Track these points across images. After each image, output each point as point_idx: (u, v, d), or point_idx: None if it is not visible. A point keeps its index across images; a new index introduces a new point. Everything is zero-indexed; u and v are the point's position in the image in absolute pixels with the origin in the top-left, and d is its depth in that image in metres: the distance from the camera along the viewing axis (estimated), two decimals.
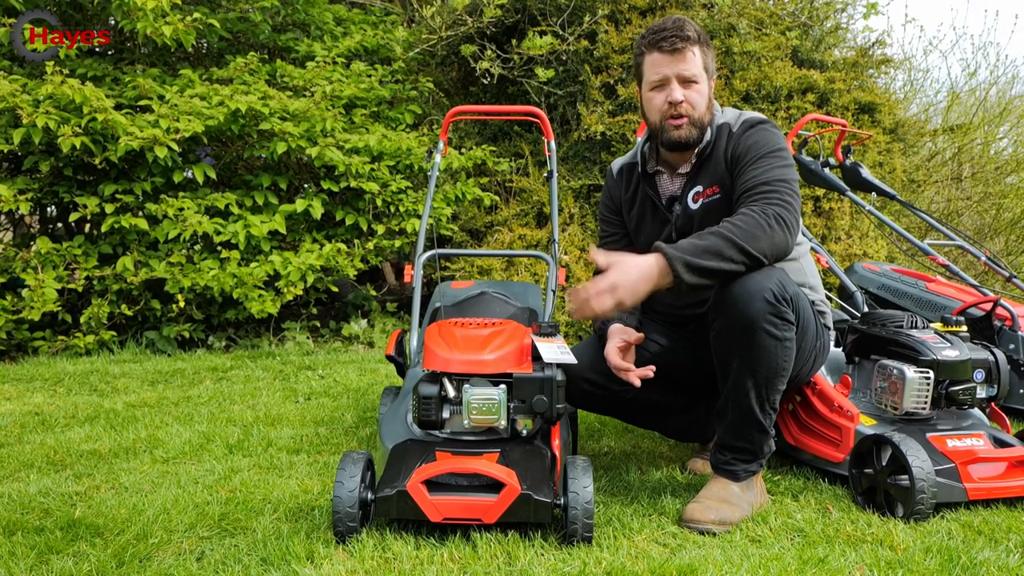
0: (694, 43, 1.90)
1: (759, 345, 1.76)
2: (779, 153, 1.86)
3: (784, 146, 1.90)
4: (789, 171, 1.85)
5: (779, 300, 1.75)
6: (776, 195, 1.78)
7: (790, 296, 1.78)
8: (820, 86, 5.20)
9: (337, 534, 1.64)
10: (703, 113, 1.94)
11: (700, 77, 1.92)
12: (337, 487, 1.64)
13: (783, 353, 1.78)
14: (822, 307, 2.07)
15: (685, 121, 1.92)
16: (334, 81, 4.63)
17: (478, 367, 1.77)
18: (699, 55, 1.92)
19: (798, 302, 1.82)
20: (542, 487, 1.63)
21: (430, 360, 1.81)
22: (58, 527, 1.75)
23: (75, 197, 4.16)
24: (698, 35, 1.92)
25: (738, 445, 1.86)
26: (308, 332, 4.63)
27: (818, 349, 2.03)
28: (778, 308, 1.75)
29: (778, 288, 1.75)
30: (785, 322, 1.77)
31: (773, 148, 1.86)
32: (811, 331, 1.95)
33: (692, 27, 1.92)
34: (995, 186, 7.11)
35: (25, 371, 3.70)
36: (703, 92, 1.93)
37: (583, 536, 1.63)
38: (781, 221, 1.74)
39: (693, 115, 1.92)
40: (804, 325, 1.89)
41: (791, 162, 1.88)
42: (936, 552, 1.62)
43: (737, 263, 1.71)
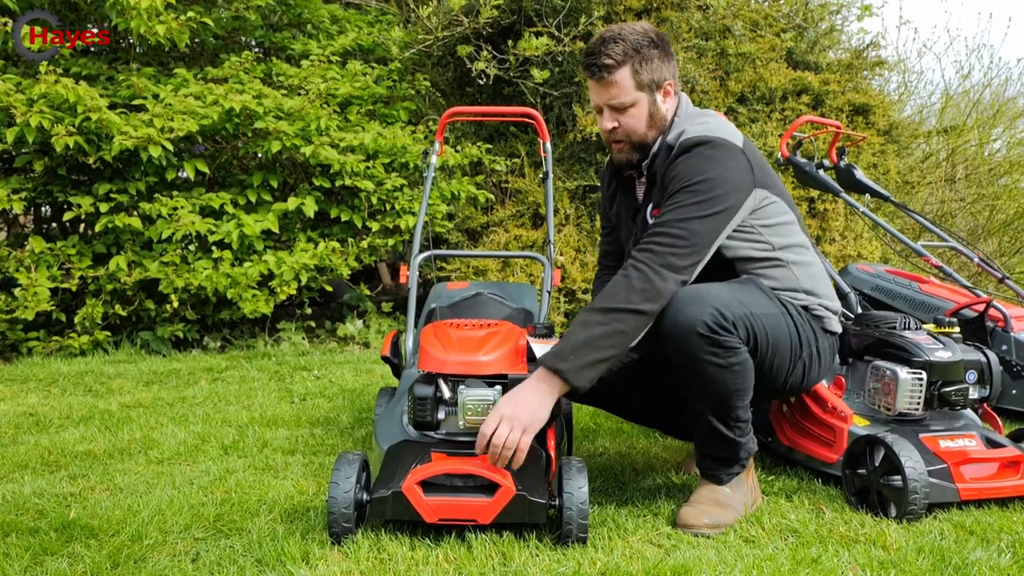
0: (620, 67, 1.81)
1: (704, 376, 1.72)
2: (693, 187, 1.73)
3: (710, 174, 1.74)
4: (691, 209, 1.72)
5: (716, 330, 1.68)
6: (652, 241, 1.71)
7: (731, 321, 1.69)
8: (815, 88, 5.22)
9: (332, 535, 1.64)
10: (644, 133, 1.87)
11: (633, 99, 1.83)
12: (332, 488, 1.64)
13: (732, 378, 1.73)
14: (820, 311, 1.95)
15: (624, 145, 1.90)
16: (329, 79, 4.63)
17: (473, 368, 1.78)
18: (629, 76, 1.82)
19: (751, 321, 1.73)
20: (537, 488, 1.63)
21: (425, 361, 1.81)
22: (53, 528, 1.75)
23: (69, 196, 4.14)
24: (626, 54, 1.80)
25: (712, 453, 1.87)
26: (304, 333, 4.62)
27: (808, 358, 1.92)
28: (716, 338, 1.68)
29: (713, 317, 1.67)
30: (727, 349, 1.70)
31: (689, 182, 1.74)
32: (789, 342, 1.84)
33: (620, 46, 1.80)
34: (988, 188, 7.15)
35: (19, 371, 3.68)
36: (638, 115, 1.85)
37: (578, 537, 1.63)
38: (641, 268, 1.67)
39: (631, 138, 1.88)
40: (772, 340, 1.78)
41: (706, 195, 1.73)
42: (928, 552, 1.63)
43: (614, 335, 1.64)
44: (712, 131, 1.81)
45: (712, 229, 1.74)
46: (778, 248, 1.88)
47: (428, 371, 1.81)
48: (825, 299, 1.98)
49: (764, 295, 1.84)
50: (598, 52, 1.82)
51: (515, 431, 1.59)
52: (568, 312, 4.75)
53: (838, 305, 2.02)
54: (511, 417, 1.60)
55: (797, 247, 1.94)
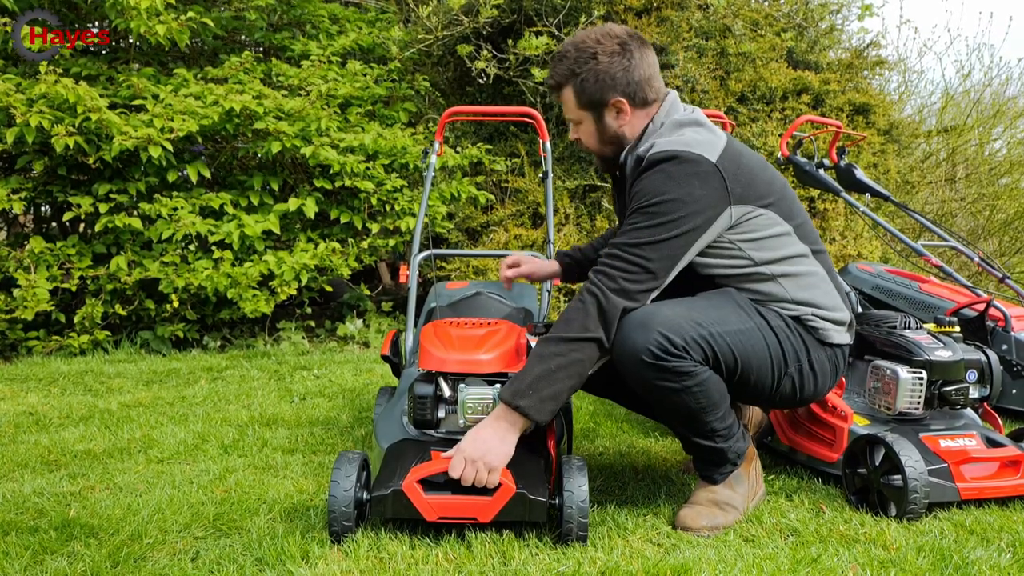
0: (562, 86, 1.81)
1: (662, 400, 1.71)
2: (650, 209, 1.65)
3: (669, 195, 1.65)
4: (645, 232, 1.65)
5: (662, 356, 1.62)
6: (606, 264, 1.67)
7: (681, 346, 1.63)
8: (815, 87, 5.22)
9: (332, 534, 1.64)
10: (598, 148, 1.87)
11: (578, 118, 1.83)
12: (332, 487, 1.64)
13: (691, 399, 1.68)
14: (815, 322, 1.82)
15: (587, 150, 1.92)
16: (329, 80, 4.63)
17: (473, 367, 1.78)
18: (571, 95, 1.80)
19: (711, 341, 1.66)
20: (537, 487, 1.63)
21: (426, 360, 1.81)
22: (52, 527, 1.75)
23: (69, 197, 4.14)
24: (564, 76, 1.79)
25: (701, 457, 1.86)
26: (303, 332, 4.62)
27: (798, 372, 1.80)
28: (663, 364, 1.63)
29: (658, 344, 1.62)
30: (679, 374, 1.64)
31: (647, 203, 1.67)
32: (768, 358, 1.75)
33: (563, 65, 1.78)
34: (989, 187, 7.15)
35: (19, 371, 3.68)
36: (587, 131, 1.85)
37: (578, 536, 1.63)
38: (595, 293, 1.64)
39: (589, 147, 1.88)
40: (742, 357, 1.70)
41: (662, 218, 1.65)
42: (928, 551, 1.63)
43: (571, 365, 1.62)
44: (684, 145, 1.70)
45: (669, 254, 1.66)
46: (762, 263, 1.78)
47: (428, 370, 1.81)
48: (824, 309, 1.83)
49: (737, 309, 1.75)
50: (550, 68, 1.83)
51: (481, 471, 1.60)
52: None
53: (844, 314, 1.87)
54: (476, 459, 1.60)
55: (790, 259, 1.81)
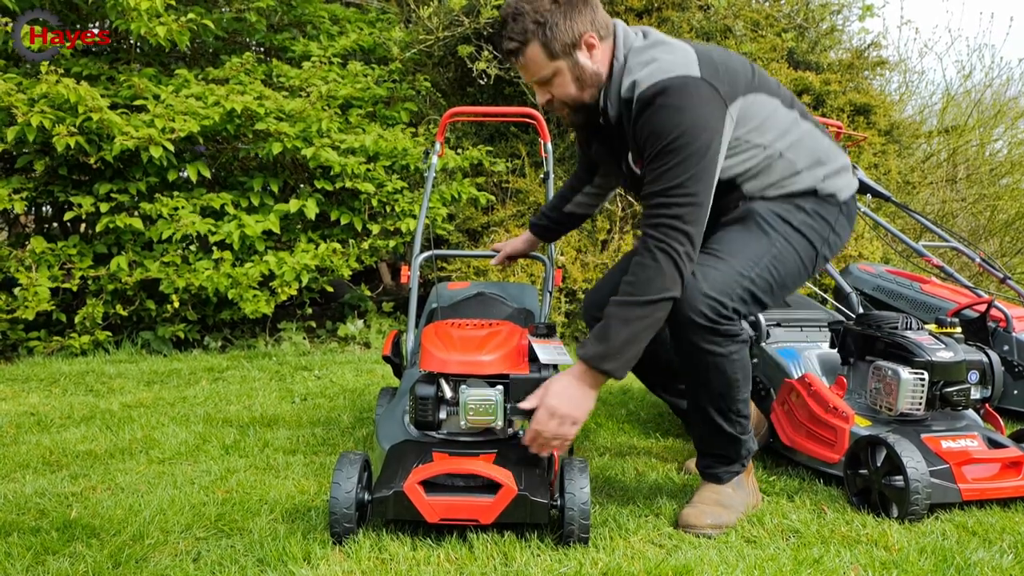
0: (526, 45, 1.73)
1: (704, 366, 1.74)
2: (672, 146, 1.64)
3: (683, 126, 1.64)
4: (679, 169, 1.64)
5: (715, 319, 1.69)
6: (658, 214, 1.66)
7: (731, 307, 1.70)
8: (816, 88, 5.22)
9: (334, 535, 1.64)
10: (577, 96, 1.79)
11: (552, 71, 1.75)
12: (334, 488, 1.64)
13: (731, 367, 1.74)
14: (829, 186, 1.86)
15: (566, 110, 1.85)
16: (330, 81, 4.63)
17: (475, 368, 1.78)
18: (539, 51, 1.73)
19: (752, 287, 1.73)
20: (539, 488, 1.63)
21: (427, 361, 1.81)
22: (54, 528, 1.75)
23: (70, 196, 4.15)
24: (527, 31, 1.71)
25: (712, 452, 1.87)
26: (304, 333, 4.62)
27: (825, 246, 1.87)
28: (715, 328, 1.69)
29: (711, 308, 1.68)
30: (727, 338, 1.72)
31: (666, 142, 1.65)
32: (800, 262, 1.83)
33: (520, 24, 1.72)
34: (990, 188, 7.14)
35: (20, 371, 3.69)
36: (564, 82, 1.77)
37: (579, 537, 1.63)
38: (664, 247, 1.64)
39: (568, 101, 1.82)
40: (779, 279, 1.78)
41: (688, 150, 1.64)
42: (930, 553, 1.63)
43: (654, 325, 1.67)
44: (665, 72, 1.67)
45: (707, 180, 1.68)
46: (770, 145, 1.80)
47: (429, 371, 1.81)
48: (829, 163, 1.87)
49: (762, 235, 1.79)
50: (504, 36, 1.76)
51: (565, 425, 1.65)
52: (569, 312, 4.75)
53: (844, 159, 1.92)
54: (564, 414, 1.65)
55: (788, 130, 1.83)
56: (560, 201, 2.28)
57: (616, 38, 1.78)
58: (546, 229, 2.33)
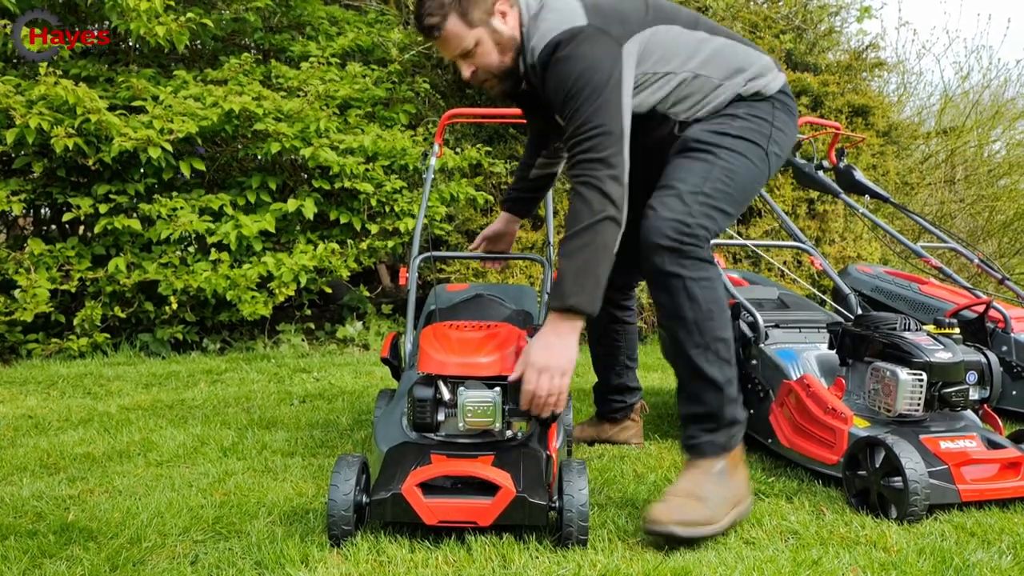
0: (445, 19, 1.77)
1: (674, 292, 1.72)
2: (573, 92, 1.70)
3: (576, 70, 1.70)
4: (584, 109, 1.70)
5: (679, 238, 1.70)
6: (575, 153, 1.71)
7: (694, 223, 1.72)
8: (814, 89, 5.22)
9: (332, 537, 1.64)
10: (500, 62, 1.84)
11: (473, 40, 1.80)
12: (332, 490, 1.63)
13: (703, 293, 1.72)
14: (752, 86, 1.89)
15: (492, 80, 1.88)
16: (328, 81, 4.63)
17: (473, 370, 1.78)
18: (458, 22, 1.78)
19: (712, 204, 1.76)
20: (537, 489, 1.63)
21: (425, 363, 1.81)
22: (51, 531, 1.74)
23: (68, 198, 4.14)
24: (443, 5, 1.76)
25: (696, 412, 1.77)
26: (303, 334, 4.62)
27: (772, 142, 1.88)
28: (680, 247, 1.71)
29: (672, 225, 1.71)
30: (694, 260, 1.72)
31: (568, 90, 1.72)
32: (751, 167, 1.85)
33: (434, 3, 1.77)
34: (988, 188, 7.16)
35: (18, 374, 3.68)
36: (486, 51, 1.82)
37: (578, 539, 1.63)
38: (585, 180, 1.68)
39: (493, 72, 1.86)
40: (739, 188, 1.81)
41: (587, 90, 1.70)
42: (929, 554, 1.63)
43: (599, 249, 1.67)
44: (553, 29, 1.75)
45: (612, 109, 1.71)
46: (679, 69, 1.84)
47: (427, 372, 1.81)
48: (748, 68, 1.89)
49: (706, 154, 1.82)
50: (420, 15, 1.81)
51: (555, 378, 1.65)
52: None
53: (764, 60, 1.94)
54: (549, 368, 1.65)
55: (695, 50, 1.86)
56: (523, 171, 2.35)
57: (520, 6, 1.85)
58: (517, 201, 2.37)
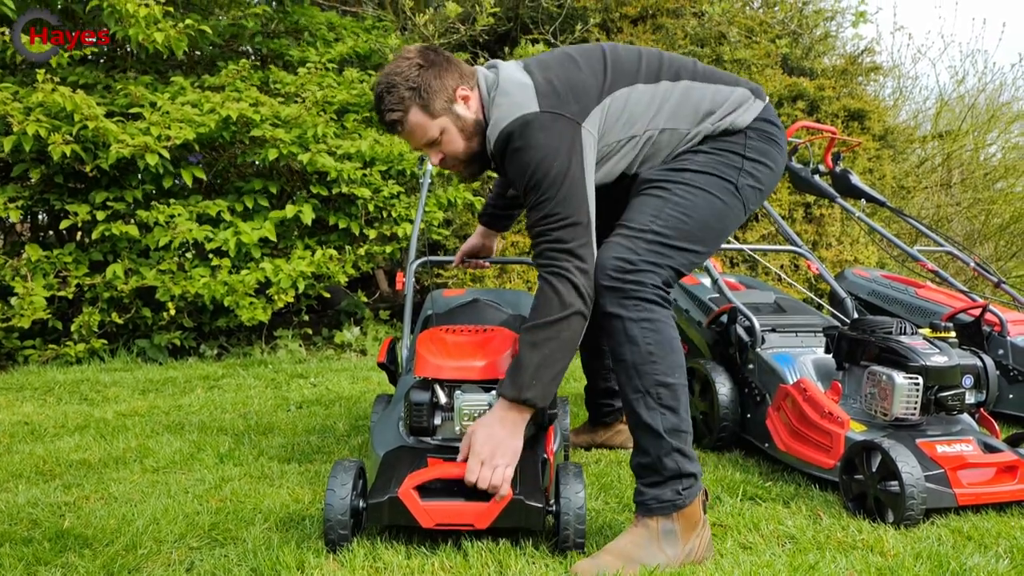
0: (407, 112, 1.75)
1: (613, 334, 1.66)
2: (532, 181, 1.67)
3: (532, 162, 1.67)
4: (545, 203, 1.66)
5: (620, 276, 1.64)
6: (542, 247, 1.68)
7: (638, 256, 1.66)
8: (810, 93, 5.24)
9: (328, 543, 1.63)
10: (467, 147, 1.81)
11: (438, 129, 1.77)
12: (329, 495, 1.63)
13: (642, 335, 1.63)
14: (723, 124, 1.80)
15: (460, 165, 1.86)
16: (326, 87, 4.63)
17: (469, 373, 1.78)
18: (420, 114, 1.75)
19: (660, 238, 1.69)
20: (534, 493, 1.63)
21: (421, 367, 1.81)
22: (47, 538, 1.74)
23: (66, 204, 4.14)
24: (403, 99, 1.73)
25: (640, 461, 1.66)
26: (300, 340, 4.62)
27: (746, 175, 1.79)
28: (621, 286, 1.64)
29: (615, 264, 1.65)
30: (634, 300, 1.64)
31: (527, 179, 1.69)
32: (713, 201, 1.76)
33: (395, 94, 1.73)
34: (984, 192, 7.18)
35: (15, 380, 3.67)
36: (452, 138, 1.79)
37: (575, 542, 1.62)
38: (557, 272, 1.64)
39: (462, 158, 1.83)
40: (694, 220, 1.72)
41: (546, 181, 1.66)
42: (926, 558, 1.63)
43: (565, 344, 1.64)
44: (506, 118, 1.71)
45: (576, 198, 1.67)
46: (645, 129, 1.78)
47: (424, 376, 1.81)
48: (719, 109, 1.80)
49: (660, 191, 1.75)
50: (381, 112, 1.77)
51: (498, 470, 1.61)
52: None
53: (737, 95, 1.83)
54: (491, 458, 1.61)
55: (660, 105, 1.79)
56: (500, 188, 2.37)
57: (479, 80, 1.82)
58: (494, 217, 2.39)
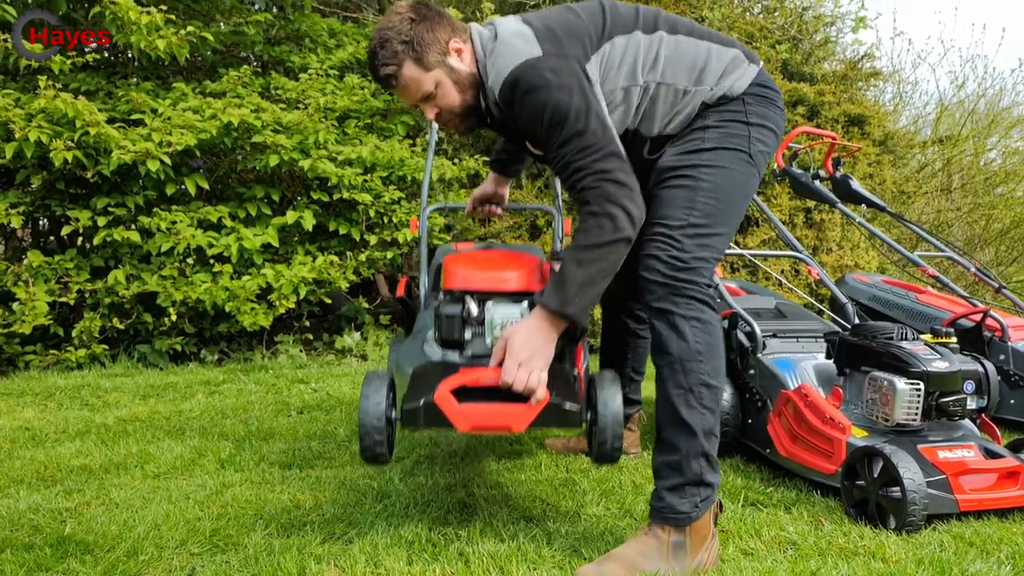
0: (400, 67, 1.73)
1: (661, 326, 1.67)
2: (551, 120, 1.64)
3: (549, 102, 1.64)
4: (573, 136, 1.64)
5: (674, 276, 1.65)
6: (581, 182, 1.64)
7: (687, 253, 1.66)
8: (810, 99, 5.25)
9: (364, 451, 1.60)
10: (462, 101, 1.79)
11: (433, 82, 1.75)
12: (363, 402, 1.59)
13: (692, 333, 1.65)
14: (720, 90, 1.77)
15: (455, 118, 1.84)
16: (327, 93, 4.65)
17: (501, 284, 1.75)
18: (414, 68, 1.73)
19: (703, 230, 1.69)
20: (571, 396, 1.60)
21: (451, 279, 1.77)
22: (48, 544, 1.74)
23: (67, 210, 4.15)
24: (397, 53, 1.72)
25: (665, 460, 1.66)
26: (301, 345, 4.62)
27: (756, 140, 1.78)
28: (674, 285, 1.65)
29: (669, 264, 1.66)
30: (685, 298, 1.66)
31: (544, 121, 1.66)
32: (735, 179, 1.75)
33: (388, 49, 1.72)
34: (984, 197, 7.18)
35: (16, 385, 3.67)
36: (447, 92, 1.77)
37: (612, 447, 1.60)
38: (602, 198, 1.61)
39: (457, 111, 1.80)
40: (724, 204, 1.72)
41: (563, 114, 1.64)
42: (928, 564, 1.63)
43: (609, 268, 1.62)
44: (508, 65, 1.68)
45: (597, 126, 1.64)
46: (643, 80, 1.76)
47: (454, 289, 1.76)
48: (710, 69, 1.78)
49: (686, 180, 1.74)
50: (375, 67, 1.75)
51: (535, 373, 1.58)
52: None
53: (727, 55, 1.81)
54: (530, 363, 1.58)
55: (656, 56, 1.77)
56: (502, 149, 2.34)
57: (473, 35, 1.81)
58: (504, 163, 2.33)
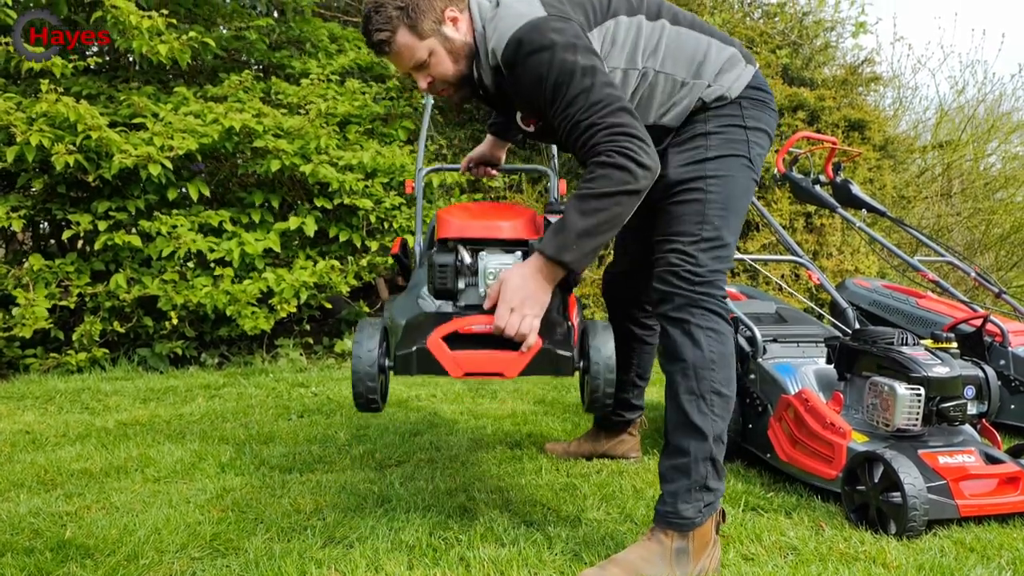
0: (395, 33, 1.71)
1: (676, 333, 1.67)
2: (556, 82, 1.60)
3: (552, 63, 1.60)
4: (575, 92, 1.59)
5: (692, 290, 1.65)
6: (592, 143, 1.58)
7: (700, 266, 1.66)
8: (810, 103, 5.26)
9: (357, 397, 1.60)
10: (456, 70, 1.76)
11: (426, 51, 1.73)
12: (356, 348, 1.60)
13: (707, 342, 1.64)
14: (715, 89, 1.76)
15: (448, 89, 1.79)
16: (328, 98, 4.66)
17: (495, 232, 1.74)
18: (408, 36, 1.71)
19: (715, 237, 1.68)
20: (563, 343, 1.60)
21: (445, 229, 1.76)
22: (48, 548, 1.74)
23: (68, 214, 4.15)
24: (391, 19, 1.70)
25: (673, 463, 1.66)
26: (301, 349, 4.62)
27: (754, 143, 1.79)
28: (692, 297, 1.65)
29: (685, 278, 1.65)
30: (702, 310, 1.65)
31: (548, 82, 1.61)
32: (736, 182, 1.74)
33: (383, 14, 1.70)
34: (984, 202, 7.19)
35: (16, 389, 3.67)
36: (440, 60, 1.74)
37: (604, 393, 1.59)
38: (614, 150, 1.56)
39: (450, 81, 1.77)
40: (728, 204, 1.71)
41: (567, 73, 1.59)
42: (929, 569, 1.63)
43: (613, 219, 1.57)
44: (511, 27, 1.65)
45: (603, 83, 1.60)
46: (642, 65, 1.74)
47: (448, 238, 1.75)
48: (709, 64, 1.77)
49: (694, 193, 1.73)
50: (368, 31, 1.73)
51: (527, 319, 1.56)
52: None
53: (726, 53, 1.80)
54: (523, 308, 1.56)
55: (658, 43, 1.76)
56: None
57: (471, 11, 1.78)
58: (502, 126, 2.29)
